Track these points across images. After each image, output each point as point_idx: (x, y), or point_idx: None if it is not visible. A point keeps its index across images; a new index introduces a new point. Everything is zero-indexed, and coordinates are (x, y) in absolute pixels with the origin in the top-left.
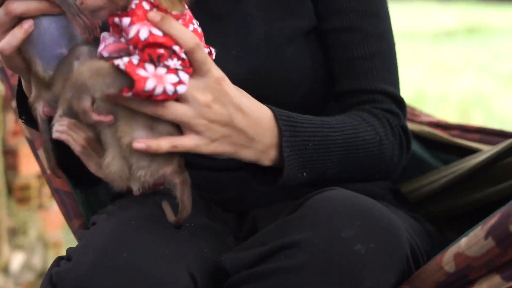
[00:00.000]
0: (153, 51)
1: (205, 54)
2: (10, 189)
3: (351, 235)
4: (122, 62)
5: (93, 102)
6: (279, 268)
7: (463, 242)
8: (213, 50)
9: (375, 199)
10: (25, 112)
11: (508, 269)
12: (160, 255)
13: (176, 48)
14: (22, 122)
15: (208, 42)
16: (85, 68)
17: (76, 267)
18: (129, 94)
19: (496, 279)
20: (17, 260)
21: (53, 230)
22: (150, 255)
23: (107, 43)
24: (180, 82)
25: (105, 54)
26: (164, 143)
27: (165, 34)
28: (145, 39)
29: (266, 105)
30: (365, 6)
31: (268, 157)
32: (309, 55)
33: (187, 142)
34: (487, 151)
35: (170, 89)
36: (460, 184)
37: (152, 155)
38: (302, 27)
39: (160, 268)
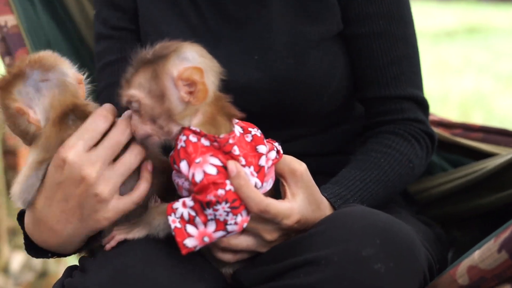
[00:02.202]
0: (203, 197)
1: (276, 210)
2: (10, 189)
3: (371, 254)
4: (172, 219)
5: None
6: (297, 284)
7: (476, 255)
8: (278, 147)
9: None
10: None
11: None
12: (177, 273)
13: (230, 186)
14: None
15: (229, 47)
16: (150, 211)
17: (92, 280)
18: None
19: None
20: (17, 260)
21: None
22: (168, 273)
23: (179, 183)
24: (228, 233)
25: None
26: (227, 257)
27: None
28: (201, 181)
29: (324, 195)
30: (394, 11)
31: None
32: (334, 60)
33: (243, 244)
34: (499, 156)
35: (217, 235)
36: (469, 189)
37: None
38: (328, 32)
39: (177, 286)
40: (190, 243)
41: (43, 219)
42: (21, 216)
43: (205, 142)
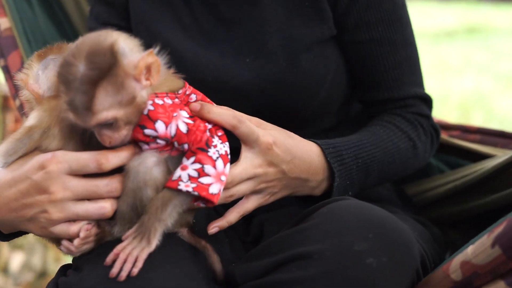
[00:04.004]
0: (200, 142)
1: (249, 125)
2: None
3: (363, 248)
4: (184, 185)
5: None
6: (290, 279)
7: (470, 251)
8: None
9: (383, 202)
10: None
11: None
12: (171, 274)
13: (207, 124)
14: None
15: (221, 47)
16: (152, 207)
17: (86, 280)
18: (203, 205)
19: (501, 285)
20: (16, 260)
21: None
22: (162, 273)
23: (145, 147)
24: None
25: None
26: (233, 217)
27: (198, 118)
28: (187, 130)
29: (312, 141)
30: (391, 15)
31: (320, 190)
32: (326, 63)
33: (250, 205)
34: (496, 157)
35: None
36: (466, 190)
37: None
38: (320, 36)
39: (170, 285)
40: (214, 189)
41: None
42: None
43: (168, 101)
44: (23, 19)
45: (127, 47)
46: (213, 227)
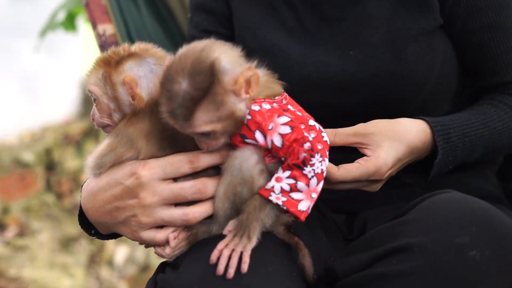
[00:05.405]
0: (296, 159)
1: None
2: None
3: (466, 241)
4: (275, 197)
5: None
6: (390, 272)
7: None
8: (321, 128)
9: (488, 199)
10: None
11: None
12: (264, 272)
13: (306, 135)
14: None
15: (324, 44)
16: (250, 205)
17: (182, 277)
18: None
19: None
20: (121, 254)
21: None
22: (256, 271)
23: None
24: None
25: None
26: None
27: (293, 127)
28: (282, 145)
29: (421, 118)
30: (501, 0)
31: (420, 158)
32: (433, 55)
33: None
34: None
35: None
36: None
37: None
38: (426, 27)
39: (263, 286)
40: (303, 206)
41: (93, 195)
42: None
43: (266, 106)
44: (129, 21)
45: (228, 62)
46: None
